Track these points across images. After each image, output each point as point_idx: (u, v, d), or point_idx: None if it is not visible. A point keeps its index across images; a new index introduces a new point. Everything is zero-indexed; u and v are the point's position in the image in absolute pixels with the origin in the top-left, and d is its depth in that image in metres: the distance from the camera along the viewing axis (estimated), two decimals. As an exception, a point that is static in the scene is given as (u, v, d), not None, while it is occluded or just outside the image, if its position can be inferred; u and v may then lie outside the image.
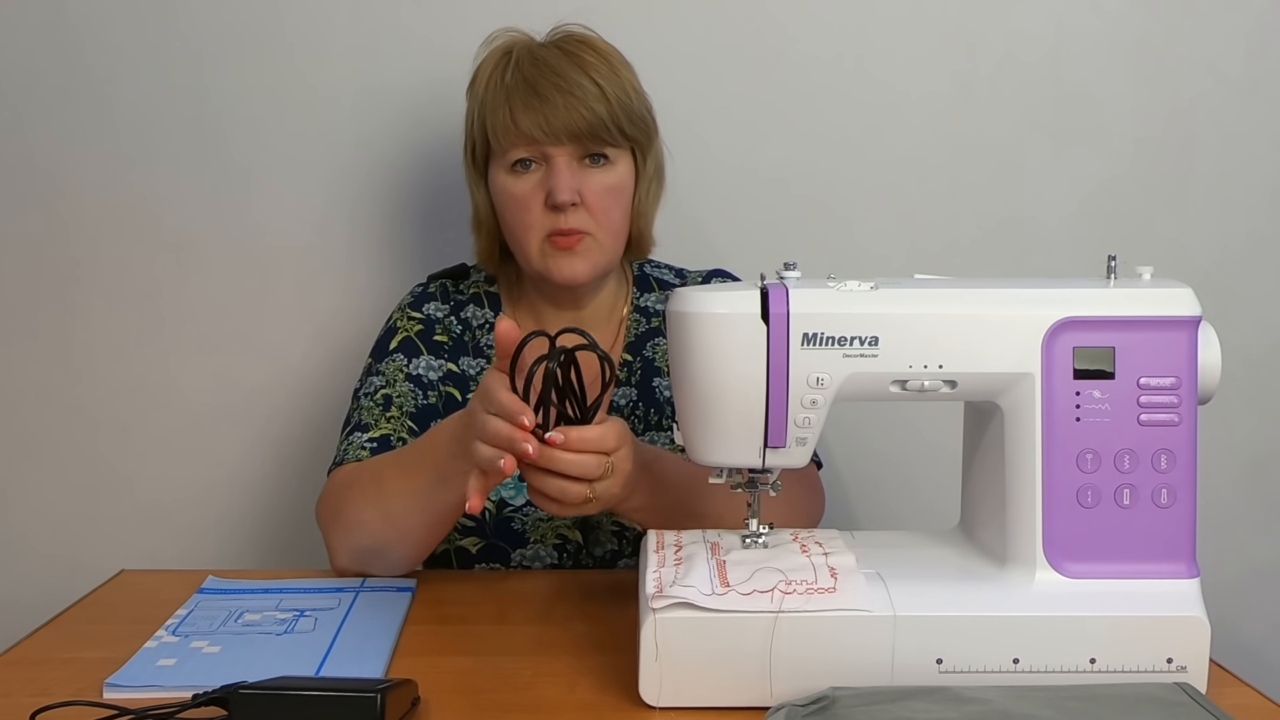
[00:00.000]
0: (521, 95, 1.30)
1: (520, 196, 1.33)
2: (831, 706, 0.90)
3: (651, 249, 1.45)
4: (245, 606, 1.17)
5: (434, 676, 0.99)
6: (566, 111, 1.29)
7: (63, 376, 1.71)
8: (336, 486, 1.27)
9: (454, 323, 1.44)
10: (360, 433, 1.32)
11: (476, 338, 1.43)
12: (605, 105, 1.31)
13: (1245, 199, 1.74)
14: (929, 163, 1.71)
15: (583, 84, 1.31)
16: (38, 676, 1.01)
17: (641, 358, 1.44)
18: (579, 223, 1.32)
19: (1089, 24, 1.70)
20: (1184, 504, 0.98)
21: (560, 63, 1.32)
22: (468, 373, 1.41)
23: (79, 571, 1.39)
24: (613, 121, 1.31)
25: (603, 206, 1.33)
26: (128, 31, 1.64)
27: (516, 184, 1.33)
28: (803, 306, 0.97)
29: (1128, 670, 0.95)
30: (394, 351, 1.40)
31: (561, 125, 1.29)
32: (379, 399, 1.35)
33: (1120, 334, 0.97)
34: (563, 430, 1.01)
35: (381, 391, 1.36)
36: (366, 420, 1.33)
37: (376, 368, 1.39)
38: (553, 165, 1.31)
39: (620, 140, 1.33)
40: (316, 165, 1.68)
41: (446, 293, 1.46)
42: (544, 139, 1.30)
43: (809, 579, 0.96)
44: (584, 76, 1.31)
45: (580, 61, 1.32)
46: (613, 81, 1.33)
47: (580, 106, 1.30)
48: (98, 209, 1.68)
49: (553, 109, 1.29)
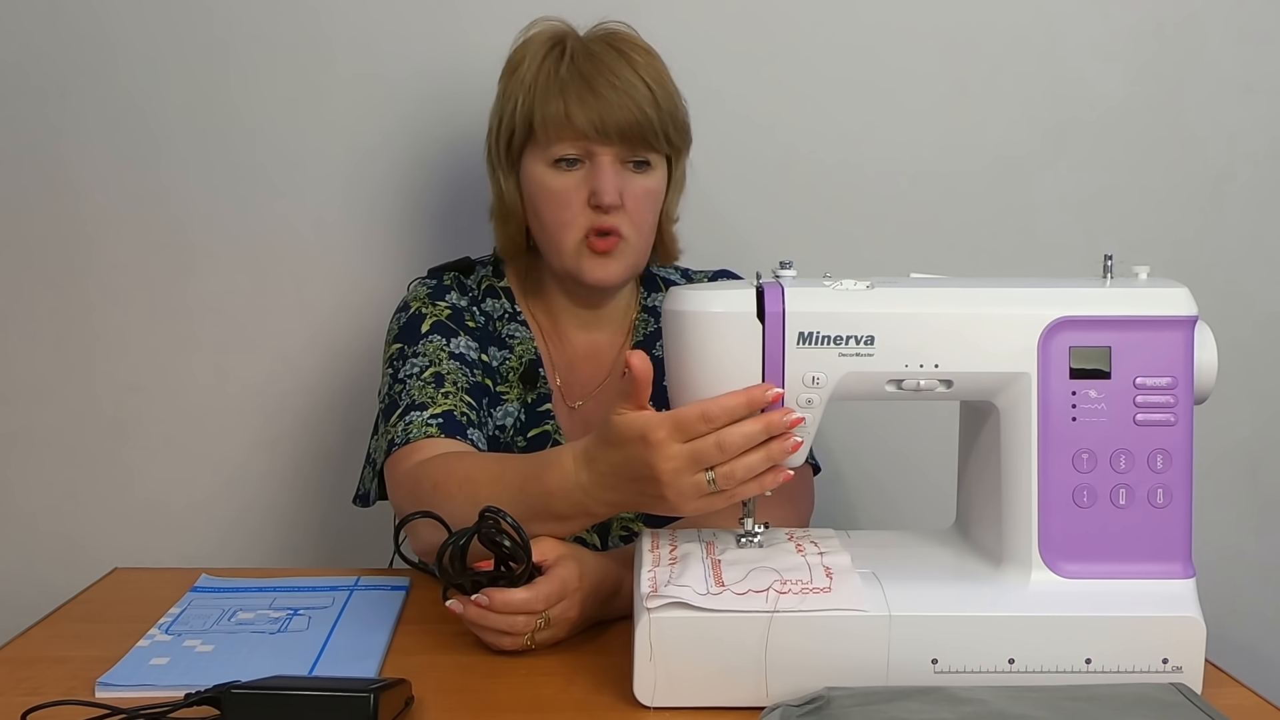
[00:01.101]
0: (576, 89, 1.28)
1: (561, 193, 1.31)
2: (826, 707, 0.89)
3: (675, 255, 1.45)
4: (238, 605, 1.17)
5: (428, 676, 0.99)
6: (621, 110, 1.27)
7: (59, 373, 1.70)
8: (420, 473, 1.17)
9: (476, 313, 1.41)
10: (419, 411, 1.25)
11: (497, 329, 1.41)
12: (656, 110, 1.30)
13: (1242, 199, 1.74)
14: (925, 161, 1.71)
15: (637, 85, 1.29)
16: (29, 675, 1.01)
17: (650, 357, 1.43)
18: (619, 224, 1.31)
19: (1086, 23, 1.70)
20: (1180, 504, 0.97)
21: (615, 61, 1.30)
22: (492, 363, 1.39)
23: (72, 569, 1.39)
24: (661, 127, 1.30)
25: (640, 210, 1.32)
26: (127, 30, 1.64)
27: (558, 179, 1.31)
28: (798, 306, 0.96)
29: (1123, 670, 0.95)
30: (429, 334, 1.34)
31: (614, 124, 1.27)
32: (428, 378, 1.29)
33: (1116, 334, 0.97)
34: (487, 593, 1.01)
35: (430, 370, 1.30)
36: (421, 399, 1.26)
37: (413, 351, 1.32)
38: (597, 164, 1.30)
39: (664, 146, 1.33)
40: (316, 163, 1.67)
41: (463, 285, 1.43)
42: (595, 136, 1.28)
43: (804, 579, 0.96)
44: (637, 78, 1.29)
45: (632, 62, 1.31)
46: (662, 88, 1.32)
47: (634, 107, 1.28)
48: (97, 207, 1.67)
49: (607, 106, 1.27)
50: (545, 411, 1.38)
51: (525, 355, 1.40)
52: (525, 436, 1.37)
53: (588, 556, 1.09)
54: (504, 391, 1.38)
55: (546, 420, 1.38)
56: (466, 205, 1.64)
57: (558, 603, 1.04)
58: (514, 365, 1.39)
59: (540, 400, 1.39)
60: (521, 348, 1.40)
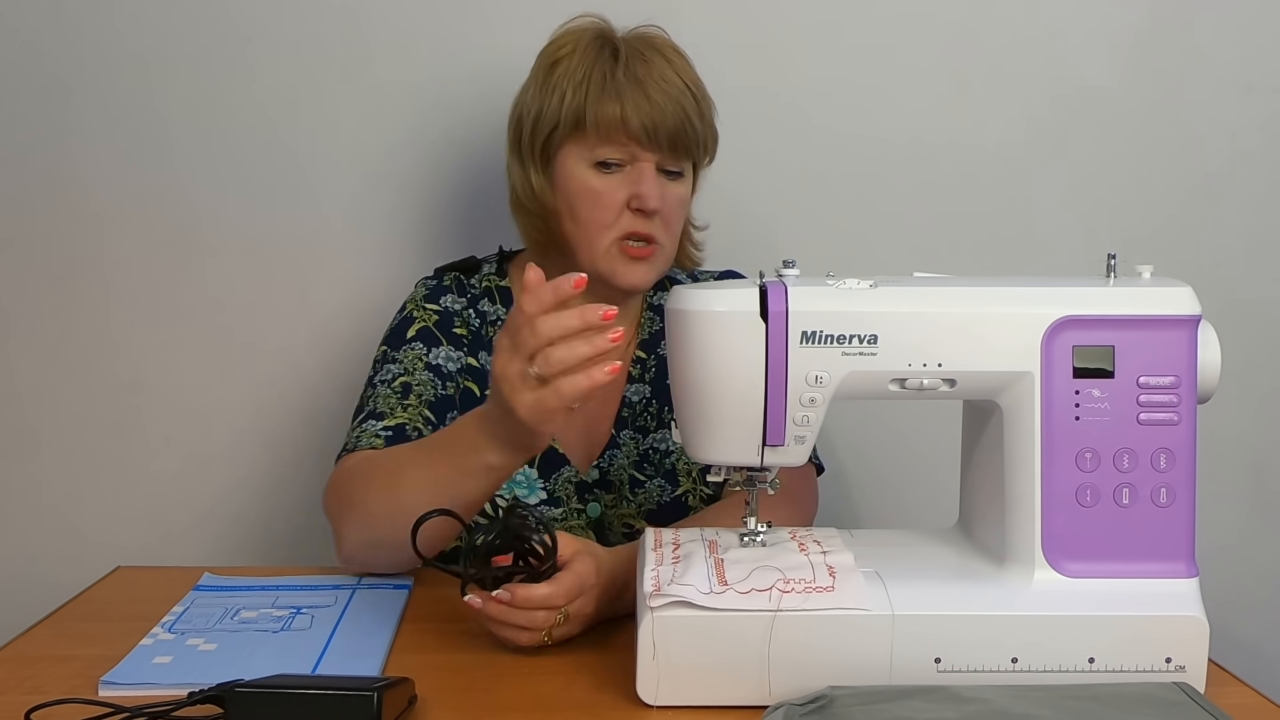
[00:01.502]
0: (632, 94, 1.28)
1: (603, 194, 1.30)
2: (829, 706, 0.89)
3: (703, 262, 1.47)
4: (241, 604, 1.17)
5: (431, 674, 0.99)
6: (674, 118, 1.28)
7: (62, 371, 1.70)
8: (348, 475, 1.22)
9: (471, 315, 1.41)
10: (375, 420, 1.28)
11: (491, 334, 1.41)
12: (700, 118, 1.31)
13: (1245, 198, 1.74)
14: (928, 160, 1.71)
15: (686, 93, 1.30)
16: (33, 674, 1.01)
17: (655, 355, 1.44)
18: (655, 230, 1.31)
19: (1088, 22, 1.70)
20: (1183, 503, 0.97)
21: (664, 66, 1.30)
22: (485, 367, 1.39)
23: (75, 567, 1.39)
24: (702, 135, 1.32)
25: (674, 218, 1.34)
26: (133, 28, 1.64)
27: (600, 180, 1.30)
28: (802, 305, 0.96)
29: (1126, 670, 0.95)
30: (412, 340, 1.36)
31: (666, 131, 1.28)
32: (397, 387, 1.32)
33: (1120, 333, 0.97)
34: (509, 588, 1.02)
35: (400, 379, 1.32)
36: (382, 408, 1.29)
37: (393, 355, 1.35)
38: (639, 169, 1.30)
39: (700, 158, 1.34)
40: (322, 164, 1.67)
41: (462, 286, 1.43)
42: (646, 141, 1.28)
43: (807, 578, 0.96)
44: (684, 86, 1.30)
45: (678, 68, 1.31)
46: (703, 95, 1.33)
47: (683, 116, 1.29)
48: (101, 205, 1.67)
49: (660, 112, 1.28)
50: None
51: None
52: None
53: (601, 552, 1.10)
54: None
55: None
56: (472, 207, 1.64)
57: (577, 598, 1.04)
58: None
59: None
60: None
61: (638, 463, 1.40)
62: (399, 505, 1.10)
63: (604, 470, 1.39)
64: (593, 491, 1.38)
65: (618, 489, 1.38)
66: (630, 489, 1.38)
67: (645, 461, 1.40)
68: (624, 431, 1.41)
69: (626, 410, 1.41)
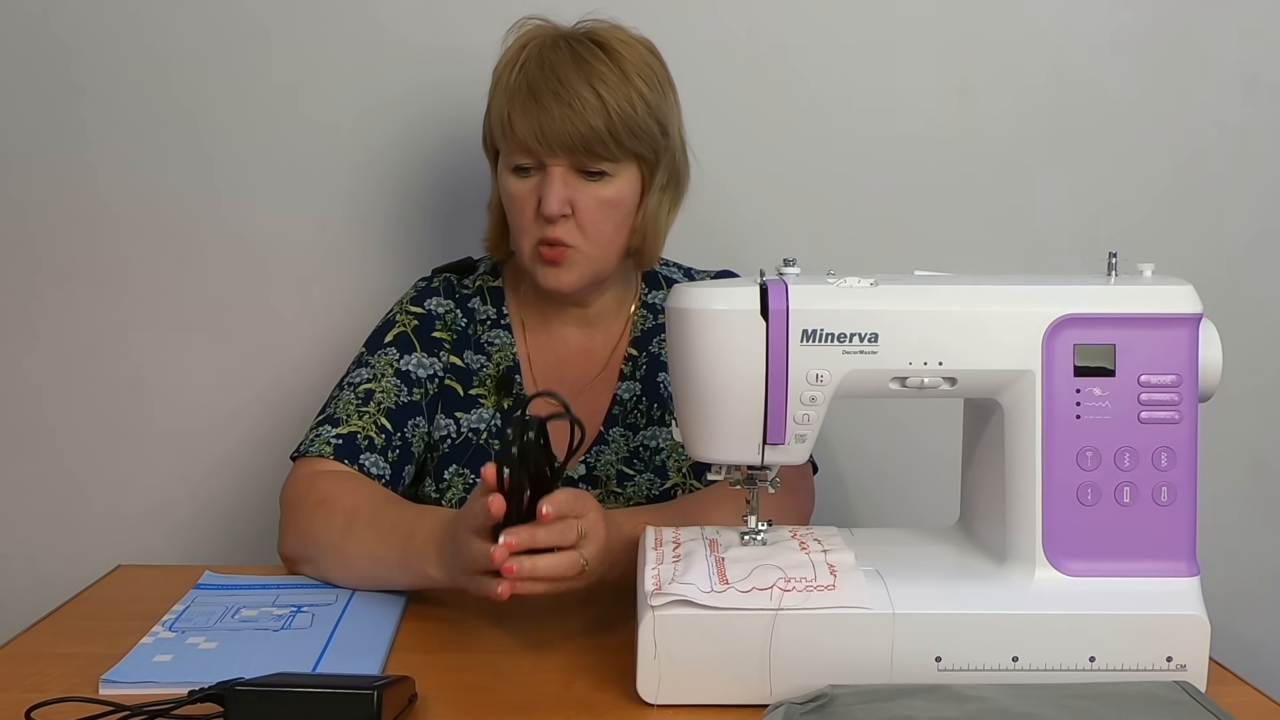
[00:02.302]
0: (521, 101, 1.28)
1: (518, 198, 1.32)
2: (830, 704, 0.89)
3: (656, 259, 1.42)
4: (242, 602, 1.17)
5: (431, 673, 0.99)
6: (562, 123, 1.26)
7: (62, 371, 1.71)
8: (307, 498, 1.25)
9: (458, 316, 1.43)
10: (330, 426, 1.30)
11: (479, 333, 1.43)
12: (604, 118, 1.26)
13: (1247, 196, 1.74)
14: (930, 159, 1.71)
15: (583, 95, 1.26)
16: (33, 672, 1.01)
17: (647, 353, 1.44)
18: (565, 234, 1.30)
19: (1090, 22, 1.69)
20: (1184, 502, 0.97)
21: (566, 69, 1.28)
22: (471, 366, 1.41)
23: (75, 566, 1.39)
24: (610, 136, 1.27)
25: (593, 220, 1.31)
26: (133, 31, 1.64)
27: (516, 185, 1.32)
28: (802, 303, 0.96)
29: (1127, 669, 0.95)
30: (388, 345, 1.39)
31: (555, 137, 1.26)
32: (360, 392, 1.34)
33: (1121, 331, 0.97)
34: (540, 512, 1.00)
35: (365, 385, 1.35)
36: (340, 414, 1.32)
37: (366, 359, 1.38)
38: (547, 175, 1.29)
39: (619, 154, 1.29)
40: (320, 165, 1.67)
41: (451, 287, 1.45)
42: (539, 148, 1.28)
43: (808, 576, 0.96)
44: (586, 86, 1.27)
45: (587, 69, 1.28)
46: (618, 92, 1.28)
47: (576, 120, 1.26)
48: (101, 206, 1.67)
49: (549, 119, 1.26)
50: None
51: (502, 363, 1.41)
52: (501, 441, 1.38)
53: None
54: (481, 395, 1.40)
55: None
56: (469, 208, 1.64)
57: (586, 512, 1.04)
58: (491, 372, 1.41)
59: (516, 405, 1.40)
60: (499, 354, 1.42)
61: (627, 459, 1.40)
62: (343, 559, 1.20)
63: (590, 466, 1.39)
64: (577, 487, 1.38)
65: (604, 484, 1.38)
66: (618, 483, 1.38)
67: (635, 457, 1.40)
68: (614, 429, 1.41)
69: (617, 407, 1.42)
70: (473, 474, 1.36)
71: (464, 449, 1.38)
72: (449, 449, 1.37)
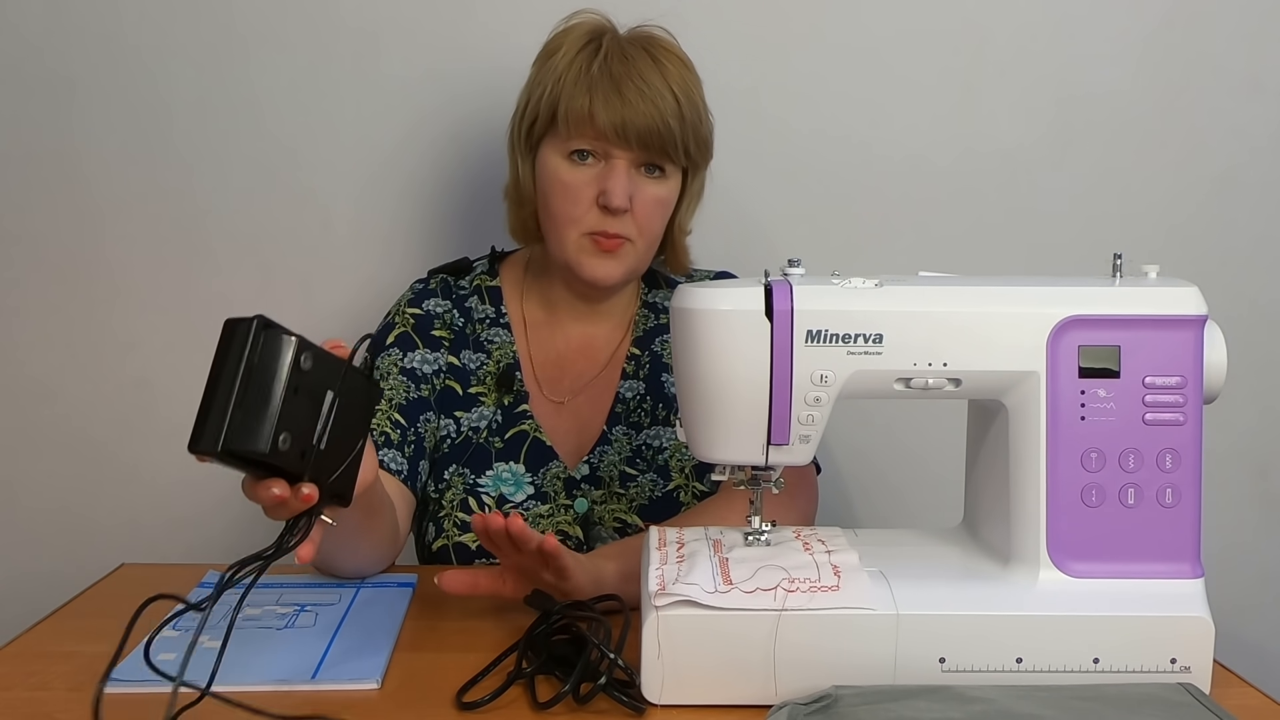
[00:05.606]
0: (604, 89, 1.28)
1: (572, 186, 1.32)
2: (834, 705, 0.89)
3: (687, 263, 1.46)
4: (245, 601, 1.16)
5: (433, 673, 0.99)
6: (644, 117, 1.28)
7: (66, 370, 1.71)
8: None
9: (455, 316, 1.43)
10: None
11: (477, 332, 1.43)
12: (679, 122, 1.30)
13: (1252, 198, 1.74)
14: (934, 160, 1.71)
15: (665, 95, 1.29)
16: (38, 670, 1.01)
17: (650, 353, 1.44)
18: (624, 228, 1.32)
19: (1094, 21, 1.69)
20: (1188, 504, 0.97)
21: (648, 66, 1.30)
22: (468, 366, 1.41)
23: (79, 565, 1.39)
24: (682, 139, 1.31)
25: (649, 216, 1.33)
26: (137, 24, 1.64)
27: (571, 173, 1.32)
28: (807, 303, 0.96)
29: (1131, 670, 0.95)
30: (390, 346, 1.40)
31: (635, 130, 1.28)
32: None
33: (1126, 333, 0.97)
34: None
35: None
36: None
37: (374, 362, 1.39)
38: (612, 166, 1.30)
39: (681, 159, 1.33)
40: (324, 162, 1.67)
41: (448, 288, 1.46)
42: (614, 139, 1.29)
43: (812, 577, 0.96)
44: (666, 87, 1.30)
45: (664, 70, 1.31)
46: (689, 99, 1.32)
47: (657, 116, 1.28)
48: (105, 202, 1.67)
49: (633, 112, 1.28)
50: (522, 413, 1.40)
51: (502, 360, 1.42)
52: (502, 438, 1.39)
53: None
54: (481, 394, 1.40)
55: (524, 420, 1.40)
56: (473, 206, 1.64)
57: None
58: (490, 370, 1.41)
59: (517, 402, 1.40)
60: (499, 352, 1.42)
61: (630, 458, 1.40)
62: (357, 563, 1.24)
63: (593, 466, 1.39)
64: (580, 487, 1.38)
65: (607, 485, 1.39)
66: (621, 484, 1.38)
67: (638, 457, 1.40)
68: (617, 428, 1.41)
69: (620, 406, 1.42)
70: (473, 473, 1.37)
71: (464, 448, 1.38)
72: (449, 449, 1.38)
